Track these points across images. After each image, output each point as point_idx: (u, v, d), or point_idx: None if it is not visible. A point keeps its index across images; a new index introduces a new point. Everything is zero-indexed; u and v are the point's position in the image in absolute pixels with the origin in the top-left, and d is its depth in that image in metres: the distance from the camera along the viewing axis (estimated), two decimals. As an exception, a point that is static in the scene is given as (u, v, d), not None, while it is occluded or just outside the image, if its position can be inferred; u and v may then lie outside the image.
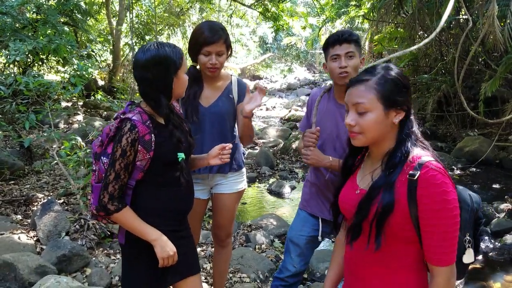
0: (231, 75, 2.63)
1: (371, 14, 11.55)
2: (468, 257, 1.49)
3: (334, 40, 2.23)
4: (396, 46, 11.55)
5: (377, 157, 1.47)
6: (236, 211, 2.76)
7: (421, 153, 1.38)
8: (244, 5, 14.88)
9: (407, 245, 1.38)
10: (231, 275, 3.55)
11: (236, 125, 2.62)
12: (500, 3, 6.39)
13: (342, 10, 13.27)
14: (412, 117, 1.46)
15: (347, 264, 1.56)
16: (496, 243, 4.42)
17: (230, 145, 2.13)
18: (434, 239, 1.30)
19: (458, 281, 3.44)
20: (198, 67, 2.52)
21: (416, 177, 1.31)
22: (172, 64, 1.82)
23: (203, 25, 2.43)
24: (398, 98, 1.40)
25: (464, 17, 8.39)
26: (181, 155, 1.85)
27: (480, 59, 8.70)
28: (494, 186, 6.38)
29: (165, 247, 1.84)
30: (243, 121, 2.43)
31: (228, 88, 2.56)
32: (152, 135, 1.81)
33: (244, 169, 2.73)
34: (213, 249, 3.47)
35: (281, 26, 13.92)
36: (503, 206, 5.18)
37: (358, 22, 14.38)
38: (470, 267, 4.03)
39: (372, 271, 1.44)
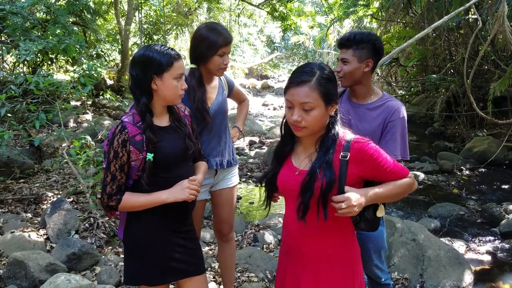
0: None
1: (380, 13, 11.52)
2: (380, 211, 1.72)
3: (337, 44, 2.32)
4: (405, 46, 11.50)
5: (310, 143, 1.66)
6: (235, 205, 2.88)
7: (345, 132, 1.65)
8: (252, 5, 14.91)
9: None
10: (239, 274, 3.55)
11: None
12: (510, 2, 6.34)
13: (351, 9, 13.25)
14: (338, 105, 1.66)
15: (288, 237, 1.74)
16: (505, 244, 4.39)
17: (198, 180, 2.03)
18: (389, 171, 1.60)
19: (467, 282, 3.43)
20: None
21: (347, 157, 1.57)
22: (155, 64, 1.83)
23: (214, 26, 2.46)
24: (334, 94, 1.60)
25: (473, 16, 8.34)
26: (149, 156, 1.85)
27: (489, 59, 8.63)
28: (503, 186, 6.34)
29: (179, 197, 1.86)
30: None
31: (220, 85, 2.63)
32: (144, 135, 1.84)
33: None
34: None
35: (289, 25, 13.93)
36: (512, 207, 5.14)
37: (366, 22, 14.32)
38: (479, 267, 4.01)
39: (316, 241, 1.65)
